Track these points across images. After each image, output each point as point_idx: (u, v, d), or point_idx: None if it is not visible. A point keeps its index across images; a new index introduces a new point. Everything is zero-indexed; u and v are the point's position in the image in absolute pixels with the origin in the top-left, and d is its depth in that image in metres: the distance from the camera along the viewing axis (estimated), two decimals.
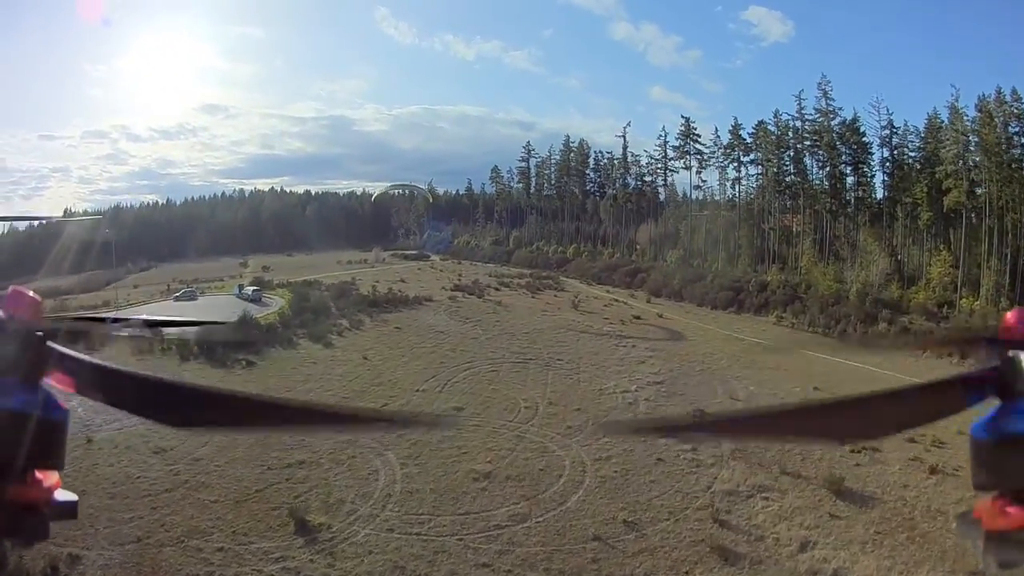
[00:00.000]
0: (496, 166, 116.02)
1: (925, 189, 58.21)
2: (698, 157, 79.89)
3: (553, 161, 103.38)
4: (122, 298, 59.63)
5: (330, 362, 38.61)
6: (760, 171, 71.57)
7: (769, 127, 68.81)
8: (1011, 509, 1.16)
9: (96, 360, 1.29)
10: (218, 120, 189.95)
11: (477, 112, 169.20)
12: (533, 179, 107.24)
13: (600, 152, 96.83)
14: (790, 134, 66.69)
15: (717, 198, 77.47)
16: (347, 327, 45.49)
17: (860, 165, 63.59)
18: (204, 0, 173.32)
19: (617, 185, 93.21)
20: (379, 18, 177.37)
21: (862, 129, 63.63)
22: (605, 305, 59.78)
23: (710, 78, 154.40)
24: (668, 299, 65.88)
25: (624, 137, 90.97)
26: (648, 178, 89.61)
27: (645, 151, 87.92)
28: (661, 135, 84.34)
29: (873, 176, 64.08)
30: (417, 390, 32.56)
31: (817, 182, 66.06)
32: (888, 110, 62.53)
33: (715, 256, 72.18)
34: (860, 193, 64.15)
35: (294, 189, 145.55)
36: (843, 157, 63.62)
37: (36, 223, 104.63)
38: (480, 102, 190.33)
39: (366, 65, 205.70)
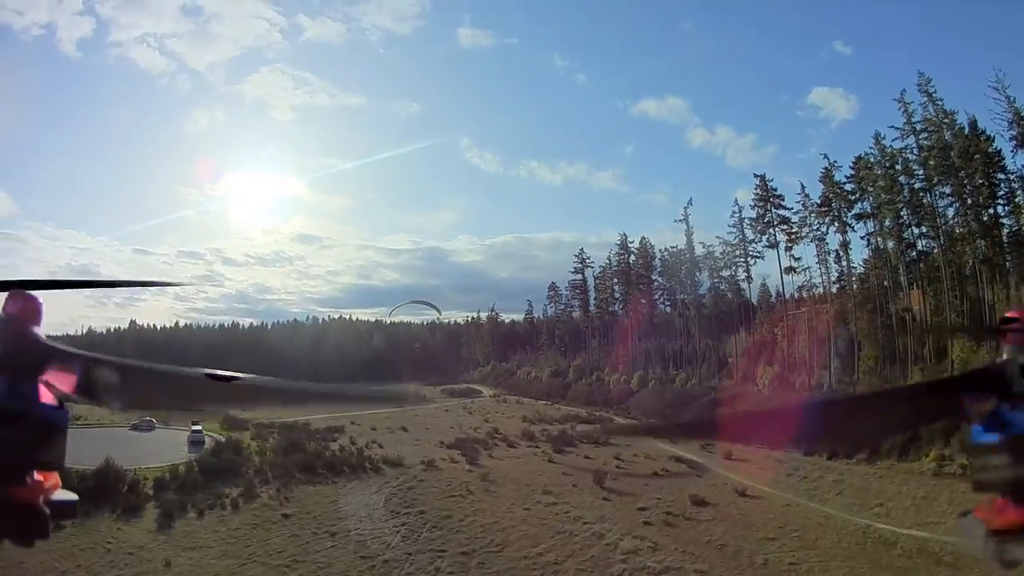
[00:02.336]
0: (554, 283, 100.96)
1: None
2: (785, 229, 59.31)
3: (613, 269, 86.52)
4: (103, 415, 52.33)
5: (127, 556, 26.67)
6: (873, 227, 49.43)
7: (872, 156, 47.81)
8: (1011, 509, 1.20)
9: (96, 358, 1.30)
10: (313, 249, 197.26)
11: (570, 237, 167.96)
12: (592, 294, 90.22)
13: (665, 250, 78.64)
14: (898, 165, 45.29)
15: (817, 282, 55.32)
16: (229, 501, 33.12)
17: (994, 185, 40.93)
18: (289, 133, 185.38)
19: (687, 287, 73.42)
20: (463, 148, 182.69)
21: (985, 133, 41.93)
22: (655, 473, 38.99)
23: (790, 172, 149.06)
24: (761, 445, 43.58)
25: (686, 221, 72.39)
26: (726, 272, 69.11)
27: (718, 237, 68.38)
28: (734, 211, 65.12)
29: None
30: None
31: (956, 219, 43.60)
32: (1011, 98, 41.06)
33: (825, 366, 48.94)
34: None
35: (378, 319, 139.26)
36: (976, 178, 41.28)
37: None
38: (571, 227, 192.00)
39: (455, 196, 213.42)
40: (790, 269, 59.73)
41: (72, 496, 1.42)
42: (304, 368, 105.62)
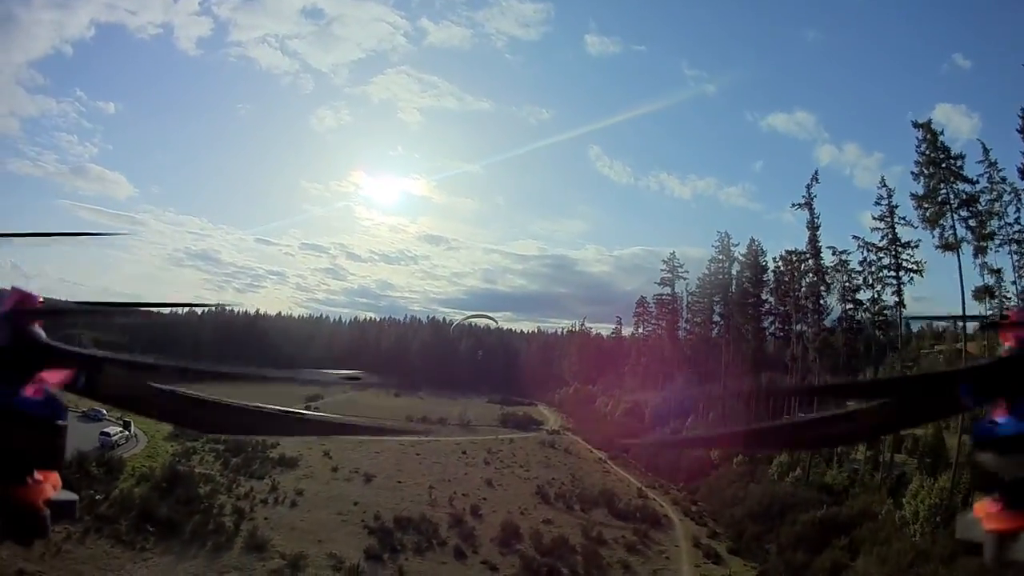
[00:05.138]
0: (642, 296, 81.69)
1: None
2: (969, 219, 35.37)
3: (710, 280, 65.31)
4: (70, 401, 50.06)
5: None
6: None
7: None
8: (1012, 509, 1.20)
9: (102, 357, 1.30)
10: (440, 251, 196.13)
11: (698, 253, 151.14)
12: (683, 314, 69.69)
13: (779, 258, 55.99)
14: None
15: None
16: None
17: None
18: (417, 134, 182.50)
19: (809, 311, 50.57)
20: (593, 157, 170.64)
21: None
22: None
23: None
24: None
25: (809, 206, 49.60)
26: (866, 293, 45.58)
27: (855, 237, 45.17)
28: (880, 197, 42.25)
29: None
30: None
31: None
32: None
33: None
34: None
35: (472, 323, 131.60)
36: None
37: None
38: (700, 243, 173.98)
39: (584, 204, 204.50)
40: (985, 290, 35.76)
41: (72, 496, 1.34)
42: (385, 371, 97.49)
